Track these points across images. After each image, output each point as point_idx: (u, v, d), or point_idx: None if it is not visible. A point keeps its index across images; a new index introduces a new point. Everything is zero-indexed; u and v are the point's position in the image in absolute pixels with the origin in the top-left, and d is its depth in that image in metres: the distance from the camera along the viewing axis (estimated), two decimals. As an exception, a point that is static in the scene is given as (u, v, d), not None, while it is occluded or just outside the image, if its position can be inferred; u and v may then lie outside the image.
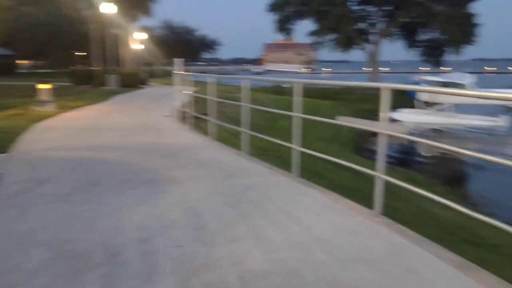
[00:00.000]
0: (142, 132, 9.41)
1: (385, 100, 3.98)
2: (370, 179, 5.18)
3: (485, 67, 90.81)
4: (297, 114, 5.49)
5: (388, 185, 4.33)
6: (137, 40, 37.78)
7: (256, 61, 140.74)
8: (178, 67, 13.77)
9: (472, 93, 3.50)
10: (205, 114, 9.32)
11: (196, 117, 9.86)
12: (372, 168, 4.39)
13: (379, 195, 4.14)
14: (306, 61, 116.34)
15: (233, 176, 5.61)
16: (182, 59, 13.74)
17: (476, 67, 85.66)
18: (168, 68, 67.47)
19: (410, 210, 5.55)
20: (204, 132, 9.20)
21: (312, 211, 4.22)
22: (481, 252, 4.70)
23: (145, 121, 11.41)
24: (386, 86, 3.96)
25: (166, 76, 50.46)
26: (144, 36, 40.74)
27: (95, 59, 32.99)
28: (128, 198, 4.56)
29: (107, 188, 4.99)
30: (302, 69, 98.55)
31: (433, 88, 3.45)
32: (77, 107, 15.18)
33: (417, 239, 3.62)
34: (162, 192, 4.78)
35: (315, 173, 7.18)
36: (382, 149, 4.09)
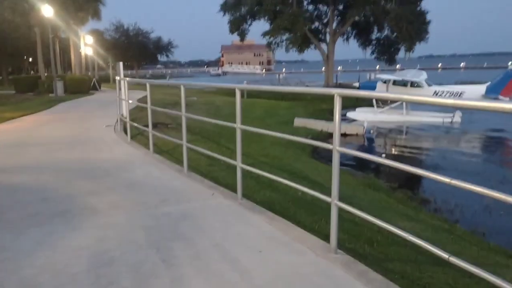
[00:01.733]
0: (74, 146, 8.38)
1: (337, 106, 3.27)
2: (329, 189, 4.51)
3: (439, 64, 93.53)
4: (238, 125, 4.70)
5: (346, 193, 3.62)
6: (88, 44, 36.02)
7: (215, 63, 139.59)
8: (120, 72, 12.74)
9: (411, 98, 2.88)
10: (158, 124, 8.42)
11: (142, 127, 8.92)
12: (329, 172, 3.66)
13: (335, 226, 3.42)
14: (264, 62, 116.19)
15: (167, 201, 4.78)
16: (121, 63, 12.71)
17: (426, 63, 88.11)
18: (123, 72, 65.48)
19: (372, 232, 4.89)
20: (147, 144, 8.30)
21: (255, 248, 3.45)
22: None
23: (82, 132, 10.34)
24: (338, 92, 3.26)
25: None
26: (95, 39, 38.98)
27: (43, 65, 31.12)
28: (28, 241, 3.65)
29: (5, 225, 4.04)
30: (259, 70, 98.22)
31: (376, 94, 2.90)
32: (13, 118, 13.86)
33: (383, 285, 2.92)
34: (73, 230, 3.89)
35: (265, 188, 6.45)
36: (336, 171, 3.37)
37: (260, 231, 3.86)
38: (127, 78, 9.28)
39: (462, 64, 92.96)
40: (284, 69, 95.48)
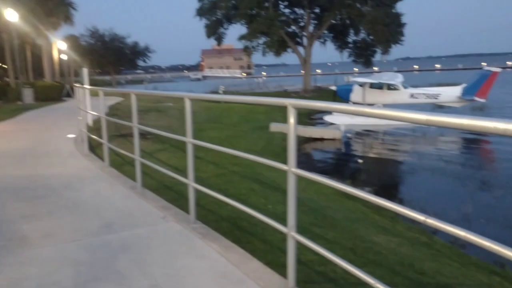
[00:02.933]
0: (25, 160, 7.71)
1: (290, 118, 2.77)
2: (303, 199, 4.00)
3: (415, 66, 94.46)
4: (189, 139, 4.16)
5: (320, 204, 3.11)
6: (61, 50, 34.90)
7: (196, 67, 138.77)
8: (84, 79, 12.08)
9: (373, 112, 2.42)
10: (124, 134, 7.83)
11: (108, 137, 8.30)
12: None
13: (293, 261, 2.91)
14: (244, 66, 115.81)
15: (110, 227, 4.20)
16: (86, 69, 12.07)
17: (403, 66, 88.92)
18: (100, 77, 64.24)
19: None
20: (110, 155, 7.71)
21: (201, 289, 2.92)
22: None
23: (40, 144, 9.64)
24: (291, 103, 2.77)
25: (97, 87, 47.48)
26: (70, 45, 37.89)
27: (14, 71, 29.99)
28: None
29: None
30: (239, 74, 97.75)
31: (334, 106, 2.49)
32: (-30, 129, 13.02)
33: None
34: (-12, 269, 3.28)
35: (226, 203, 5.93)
36: (293, 197, 2.86)
37: (211, 264, 3.33)
38: (87, 86, 8.65)
39: (437, 66, 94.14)
40: (264, 73, 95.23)
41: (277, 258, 3.91)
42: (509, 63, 79.66)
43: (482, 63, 74.96)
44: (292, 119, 2.78)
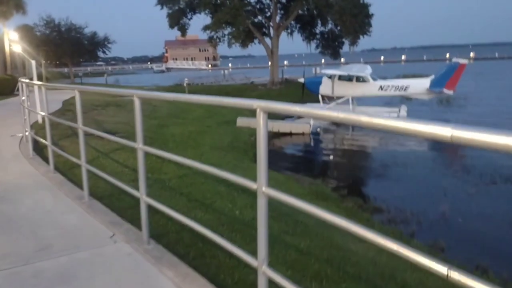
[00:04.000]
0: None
1: (260, 122, 2.19)
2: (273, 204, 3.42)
3: (381, 57, 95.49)
4: (139, 145, 3.49)
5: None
6: (13, 41, 32.86)
7: (159, 59, 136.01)
8: (32, 73, 11.07)
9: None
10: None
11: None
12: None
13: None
14: (210, 58, 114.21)
15: (48, 250, 3.52)
16: (34, 62, 11.06)
17: (369, 57, 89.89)
18: (58, 70, 61.57)
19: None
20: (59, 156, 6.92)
21: None
22: None
23: (-20, 145, 8.66)
24: (260, 106, 2.16)
25: (54, 79, 45.42)
26: (24, 36, 35.79)
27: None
28: None
29: None
30: (205, 66, 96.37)
31: (305, 110, 2.02)
32: None
33: None
34: None
35: (197, 208, 5.32)
36: (264, 223, 2.27)
37: (163, 302, 2.70)
38: (26, 81, 7.75)
39: (403, 57, 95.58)
40: (230, 64, 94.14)
41: (246, 275, 3.37)
42: (472, 54, 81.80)
43: (446, 54, 76.67)
44: (262, 124, 2.18)
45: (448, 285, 4.57)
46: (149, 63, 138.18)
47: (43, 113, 6.79)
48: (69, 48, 42.63)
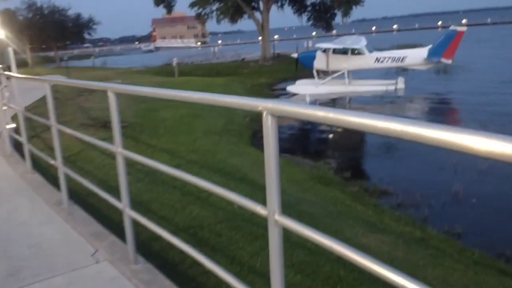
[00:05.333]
0: None
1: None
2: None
3: (373, 27, 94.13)
4: (118, 149, 2.92)
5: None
6: (-7, 26, 31.68)
7: (147, 38, 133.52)
8: (10, 61, 10.31)
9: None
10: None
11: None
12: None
13: None
14: (199, 35, 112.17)
15: (18, 275, 3.01)
16: (11, 49, 10.29)
17: (360, 28, 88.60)
18: (44, 54, 60.03)
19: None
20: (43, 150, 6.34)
21: None
22: None
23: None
24: (267, 107, 1.58)
25: (38, 65, 44.26)
26: (5, 20, 34.54)
27: None
28: None
29: None
30: (194, 43, 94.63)
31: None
32: None
33: None
34: None
35: (193, 203, 4.82)
36: (278, 266, 1.73)
37: None
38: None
39: (394, 27, 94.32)
40: (220, 41, 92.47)
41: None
42: (464, 21, 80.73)
43: (438, 22, 75.61)
44: (270, 131, 1.63)
45: (471, 279, 4.03)
46: (137, 43, 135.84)
47: (15, 107, 6.18)
48: (53, 31, 41.35)
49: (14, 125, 7.29)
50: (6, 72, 6.87)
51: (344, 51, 19.41)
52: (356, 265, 1.41)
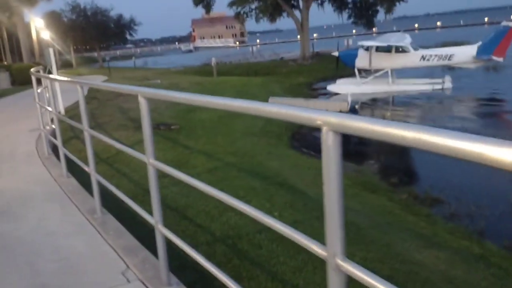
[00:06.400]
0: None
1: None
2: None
3: (415, 25, 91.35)
4: (150, 160, 2.63)
5: None
6: (40, 28, 32.67)
7: (187, 38, 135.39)
8: (51, 62, 10.39)
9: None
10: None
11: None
12: None
13: None
14: (237, 34, 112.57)
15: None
16: (51, 49, 10.37)
17: (401, 25, 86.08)
18: (88, 54, 61.76)
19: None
20: (81, 151, 6.25)
21: None
22: None
23: (-2, 143, 8.11)
24: (326, 121, 1.22)
25: (83, 65, 45.47)
26: (52, 22, 35.63)
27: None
28: None
29: None
30: (232, 43, 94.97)
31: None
32: None
33: None
34: None
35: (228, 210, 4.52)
36: None
37: None
38: (33, 70, 7.03)
39: (438, 23, 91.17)
40: (258, 40, 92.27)
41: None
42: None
43: (485, 18, 72.43)
44: (332, 150, 1.27)
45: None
46: (177, 43, 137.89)
47: (51, 110, 6.08)
48: (96, 32, 42.37)
49: (53, 127, 7.26)
50: (41, 74, 6.81)
51: (387, 49, 18.68)
52: None
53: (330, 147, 1.29)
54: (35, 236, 3.69)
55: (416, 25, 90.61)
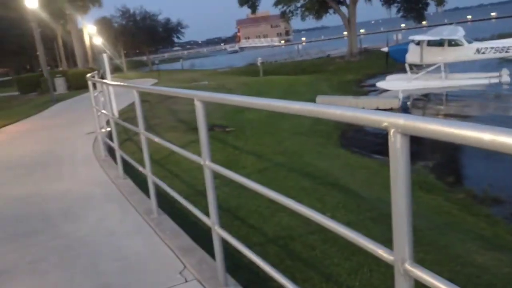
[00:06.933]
0: (33, 171, 6.54)
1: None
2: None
3: (467, 16, 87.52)
4: (206, 162, 2.67)
5: None
6: (92, 34, 34.16)
7: (232, 39, 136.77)
8: (105, 67, 10.79)
9: None
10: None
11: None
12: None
13: None
14: (282, 33, 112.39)
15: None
16: (105, 55, 10.77)
17: (453, 17, 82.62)
18: (137, 58, 63.73)
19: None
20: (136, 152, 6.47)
21: None
22: None
23: (56, 146, 8.50)
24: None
25: (133, 69, 47.00)
26: (103, 28, 37.22)
27: (47, 61, 29.51)
28: None
29: None
30: (277, 42, 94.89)
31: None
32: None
33: None
34: None
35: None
36: None
37: None
38: (89, 76, 7.32)
39: (493, 14, 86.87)
40: (303, 38, 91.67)
41: None
42: None
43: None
44: (401, 156, 1.23)
45: None
46: (222, 44, 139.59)
47: (107, 113, 6.31)
48: (145, 37, 43.66)
49: (108, 129, 7.53)
50: (97, 79, 7.08)
51: (440, 43, 17.99)
52: None
53: (398, 150, 1.24)
54: (96, 236, 3.84)
55: (469, 17, 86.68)
